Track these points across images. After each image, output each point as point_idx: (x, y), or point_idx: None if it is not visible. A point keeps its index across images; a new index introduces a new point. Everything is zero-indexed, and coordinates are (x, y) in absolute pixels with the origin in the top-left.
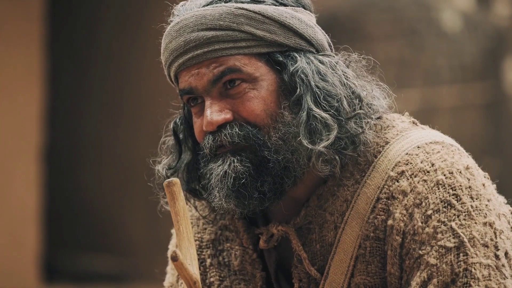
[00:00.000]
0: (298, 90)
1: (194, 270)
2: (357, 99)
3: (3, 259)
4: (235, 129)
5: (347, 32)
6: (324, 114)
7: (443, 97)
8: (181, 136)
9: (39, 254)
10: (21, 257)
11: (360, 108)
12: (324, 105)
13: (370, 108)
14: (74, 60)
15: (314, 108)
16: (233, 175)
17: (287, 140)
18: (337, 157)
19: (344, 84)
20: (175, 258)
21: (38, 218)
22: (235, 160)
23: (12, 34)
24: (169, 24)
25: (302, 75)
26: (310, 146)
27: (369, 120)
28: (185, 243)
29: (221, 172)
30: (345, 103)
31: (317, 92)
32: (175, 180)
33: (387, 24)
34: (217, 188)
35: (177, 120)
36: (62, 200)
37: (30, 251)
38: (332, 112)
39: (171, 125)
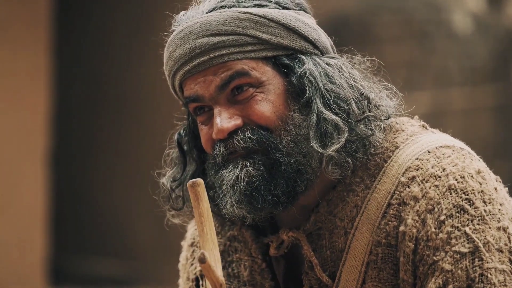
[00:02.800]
0: (307, 92)
1: (218, 272)
2: (366, 101)
3: (10, 262)
4: (247, 134)
5: (356, 34)
6: (334, 117)
7: (454, 99)
8: (185, 147)
9: (46, 258)
10: (28, 261)
11: (369, 110)
12: (334, 108)
13: (378, 109)
14: (81, 64)
15: (324, 111)
16: (246, 179)
17: (299, 143)
18: (349, 160)
19: (352, 86)
20: (203, 260)
21: (45, 222)
22: (248, 164)
23: (19, 37)
24: (171, 34)
25: (310, 77)
26: (320, 150)
27: (378, 122)
28: (209, 245)
29: (233, 178)
30: (354, 105)
31: (326, 95)
32: (199, 180)
33: (396, 26)
34: (229, 194)
35: (181, 131)
36: (69, 204)
37: (37, 255)
38: (342, 115)
39: (175, 137)
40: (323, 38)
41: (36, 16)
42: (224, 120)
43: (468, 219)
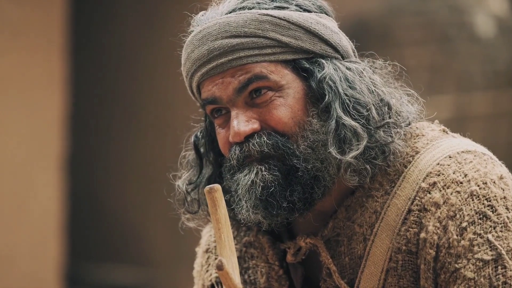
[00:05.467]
0: (327, 97)
1: (236, 280)
2: (386, 107)
3: (25, 269)
4: (263, 138)
5: (377, 38)
6: (353, 123)
7: (476, 104)
8: (202, 150)
9: (61, 265)
10: (43, 267)
11: (389, 117)
12: (354, 114)
13: (399, 116)
14: (96, 67)
15: (343, 116)
16: (261, 184)
17: (316, 149)
18: (368, 167)
19: (372, 92)
20: (220, 267)
21: (60, 228)
22: (263, 169)
23: (34, 42)
24: (189, 34)
25: (330, 82)
26: (338, 156)
27: (398, 129)
28: (226, 252)
29: (248, 182)
30: (374, 111)
31: (345, 100)
32: (217, 186)
33: (418, 29)
34: (244, 199)
35: (198, 133)
36: (84, 210)
37: (52, 262)
38: (361, 121)
39: (192, 139)
40: (344, 42)
41: (50, 21)
42: (241, 123)
43: (490, 226)
